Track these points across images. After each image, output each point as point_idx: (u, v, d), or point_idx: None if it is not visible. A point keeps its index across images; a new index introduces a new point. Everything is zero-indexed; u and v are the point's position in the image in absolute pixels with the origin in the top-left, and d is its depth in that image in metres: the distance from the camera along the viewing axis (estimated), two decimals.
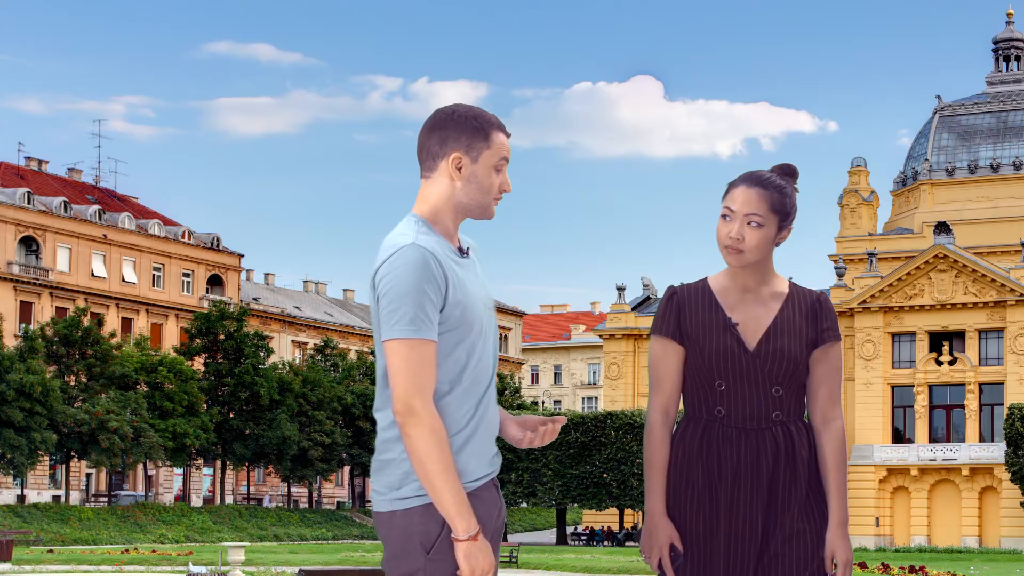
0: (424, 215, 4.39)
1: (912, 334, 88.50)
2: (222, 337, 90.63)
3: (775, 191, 4.83)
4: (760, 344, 4.84)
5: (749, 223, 4.80)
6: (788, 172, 4.92)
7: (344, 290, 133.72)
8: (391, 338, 4.22)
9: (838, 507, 4.86)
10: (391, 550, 4.31)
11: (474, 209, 4.42)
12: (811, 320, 4.88)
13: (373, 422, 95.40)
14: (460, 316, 4.29)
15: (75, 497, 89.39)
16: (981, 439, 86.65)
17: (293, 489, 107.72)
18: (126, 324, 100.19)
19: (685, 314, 4.90)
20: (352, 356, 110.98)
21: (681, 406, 5.00)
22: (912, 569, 41.68)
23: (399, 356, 4.20)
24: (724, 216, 4.84)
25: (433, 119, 4.43)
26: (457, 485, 4.21)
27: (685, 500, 4.88)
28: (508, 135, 4.43)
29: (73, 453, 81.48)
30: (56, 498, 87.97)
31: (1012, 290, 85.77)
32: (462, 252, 4.42)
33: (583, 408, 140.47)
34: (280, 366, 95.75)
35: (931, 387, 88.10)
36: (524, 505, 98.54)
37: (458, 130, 4.38)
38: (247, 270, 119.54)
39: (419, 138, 4.44)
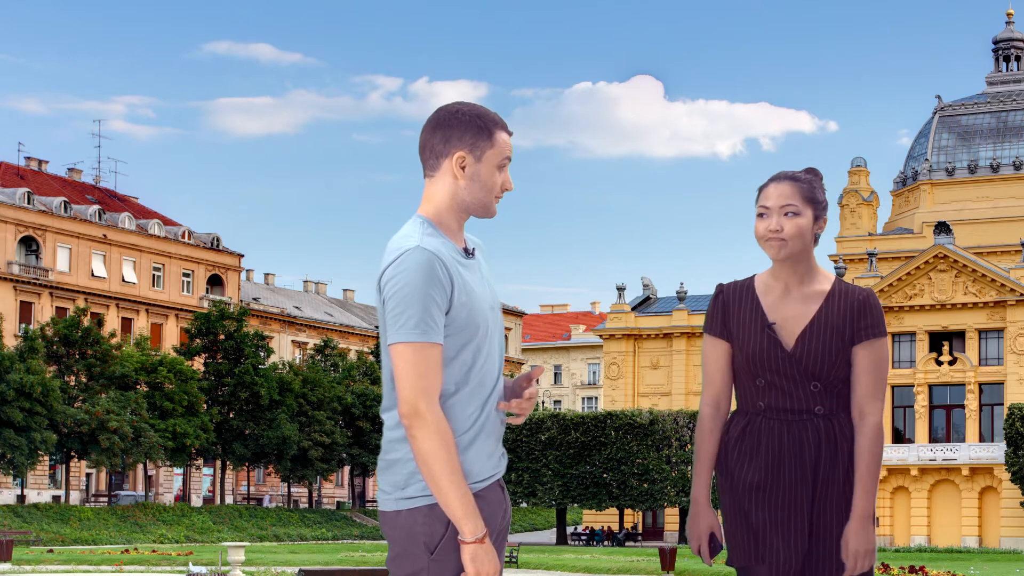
0: (429, 216, 4.39)
1: (912, 334, 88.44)
2: (222, 337, 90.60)
3: (804, 182, 5.01)
4: (797, 343, 4.96)
5: (785, 214, 4.95)
6: (813, 172, 5.12)
7: (344, 290, 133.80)
8: (397, 341, 4.23)
9: (862, 500, 4.94)
10: (395, 550, 4.33)
11: (476, 208, 4.42)
12: (850, 318, 4.98)
13: (373, 422, 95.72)
14: (466, 318, 4.29)
15: (75, 497, 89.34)
16: (981, 439, 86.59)
17: (293, 489, 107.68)
18: (126, 324, 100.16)
19: (730, 312, 5.04)
20: (352, 356, 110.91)
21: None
22: (912, 569, 41.62)
23: (405, 359, 4.21)
24: (760, 215, 4.99)
25: (436, 118, 4.41)
26: (464, 487, 4.21)
27: (738, 488, 5.01)
28: (510, 133, 4.43)
29: (73, 453, 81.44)
30: (56, 498, 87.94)
31: (1012, 290, 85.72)
32: (467, 252, 4.42)
33: (583, 408, 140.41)
34: (280, 366, 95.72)
35: (931, 387, 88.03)
36: (524, 505, 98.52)
37: (462, 129, 4.37)
38: (247, 270, 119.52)
39: (421, 137, 4.42)
